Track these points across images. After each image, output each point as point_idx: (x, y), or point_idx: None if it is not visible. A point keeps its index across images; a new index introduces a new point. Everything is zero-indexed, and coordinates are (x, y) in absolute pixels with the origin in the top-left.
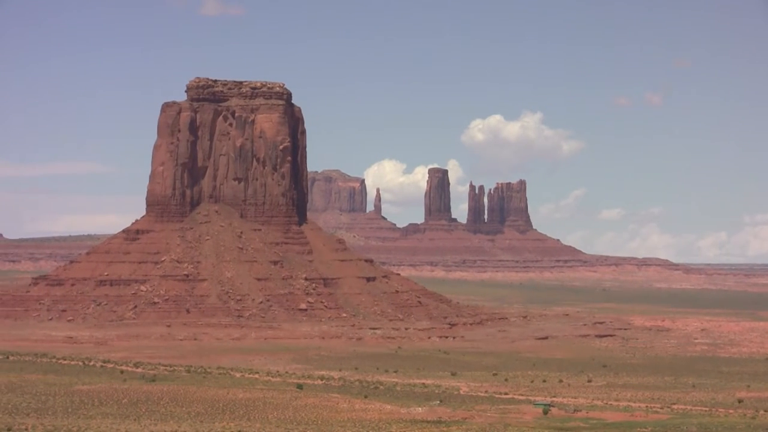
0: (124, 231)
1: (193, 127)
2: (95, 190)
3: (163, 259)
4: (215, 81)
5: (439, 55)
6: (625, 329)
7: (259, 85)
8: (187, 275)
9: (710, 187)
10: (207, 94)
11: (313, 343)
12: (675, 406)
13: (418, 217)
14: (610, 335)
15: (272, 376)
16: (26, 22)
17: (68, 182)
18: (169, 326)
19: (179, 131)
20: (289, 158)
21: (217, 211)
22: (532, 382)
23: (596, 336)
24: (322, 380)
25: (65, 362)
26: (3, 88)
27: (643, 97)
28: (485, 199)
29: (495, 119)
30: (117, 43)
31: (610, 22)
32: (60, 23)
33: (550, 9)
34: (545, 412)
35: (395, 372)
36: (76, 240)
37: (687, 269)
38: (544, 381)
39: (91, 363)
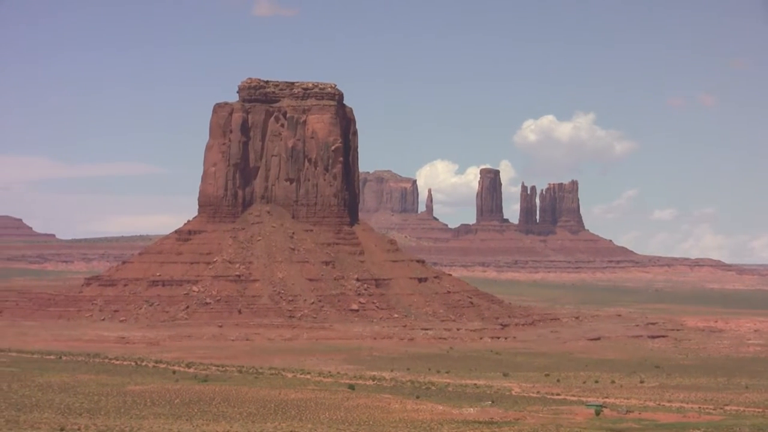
0: (176, 231)
1: (245, 128)
2: (148, 190)
3: (215, 259)
4: (267, 82)
5: (492, 55)
6: (678, 330)
7: (310, 85)
8: (239, 276)
9: (764, 187)
10: (259, 94)
11: (365, 344)
12: (728, 407)
13: (470, 217)
14: (663, 336)
15: (324, 377)
16: (82, 24)
17: (121, 183)
18: (220, 327)
19: (231, 132)
20: (340, 159)
21: (268, 212)
22: (584, 382)
23: (648, 337)
24: (373, 381)
25: (117, 362)
26: (56, 89)
27: (696, 98)
28: (537, 200)
29: (547, 120)
30: (170, 43)
31: (664, 23)
32: (114, 24)
33: (604, 9)
34: (597, 413)
35: (447, 372)
36: (129, 240)
37: (740, 270)
38: (597, 382)
39: (144, 363)
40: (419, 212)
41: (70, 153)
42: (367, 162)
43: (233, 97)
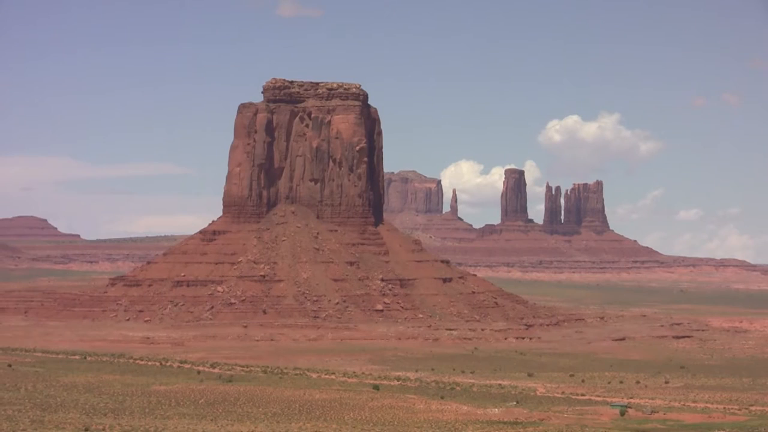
0: (200, 232)
1: (269, 128)
2: (173, 190)
3: (239, 260)
4: (291, 82)
5: (517, 56)
6: (703, 330)
7: (335, 86)
8: (264, 276)
9: None
10: (283, 95)
11: (390, 344)
12: (753, 408)
13: (495, 218)
14: (688, 336)
15: (348, 377)
16: (107, 24)
17: (145, 183)
18: (245, 327)
19: (256, 132)
20: (365, 159)
21: (293, 212)
22: (609, 383)
23: (673, 337)
24: (398, 381)
25: (142, 363)
26: (81, 89)
27: (721, 98)
28: (562, 200)
29: (572, 120)
30: (195, 43)
31: (688, 23)
32: (139, 24)
33: (628, 9)
34: (622, 414)
35: (472, 373)
36: (153, 241)
37: (765, 270)
38: (621, 382)
39: (168, 363)
40: (444, 212)
41: (94, 153)
42: (392, 162)
43: (258, 98)
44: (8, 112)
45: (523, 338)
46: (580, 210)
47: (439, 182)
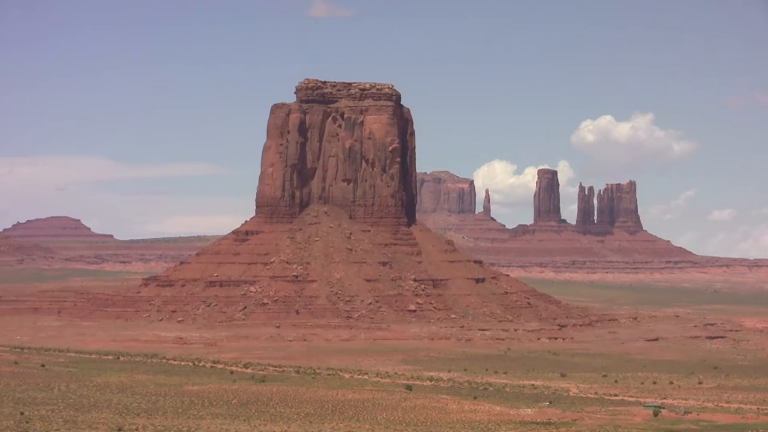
0: (233, 232)
1: (302, 129)
2: (205, 191)
3: (272, 260)
4: (324, 82)
5: (550, 56)
6: (736, 331)
7: (368, 86)
8: (297, 276)
9: None
10: (316, 95)
11: (422, 344)
12: None
13: (527, 218)
14: (721, 337)
15: (381, 377)
16: (140, 26)
17: (178, 183)
18: (278, 327)
19: (288, 132)
20: (398, 159)
21: (326, 213)
22: (642, 383)
23: (707, 337)
24: (431, 381)
25: (175, 363)
26: (114, 90)
27: (754, 97)
28: (595, 200)
29: (605, 120)
30: (228, 44)
31: (720, 23)
32: (172, 26)
33: (660, 9)
34: (655, 414)
35: (504, 373)
36: (186, 241)
37: None
38: (655, 383)
39: (201, 364)
40: (477, 213)
41: (128, 153)
42: (425, 162)
43: (291, 98)
44: (42, 113)
45: (556, 338)
46: (613, 210)
47: (472, 182)
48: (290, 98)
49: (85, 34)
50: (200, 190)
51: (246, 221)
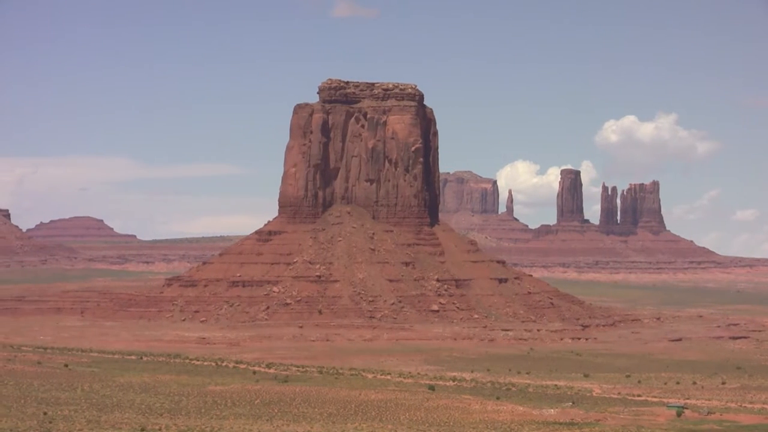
0: (256, 232)
1: (325, 129)
2: (228, 191)
3: (295, 260)
4: (347, 82)
5: (572, 56)
6: (760, 331)
7: (391, 86)
8: (320, 276)
9: None
10: (339, 95)
11: (445, 345)
12: None
13: (550, 218)
14: (744, 337)
15: (404, 377)
16: (162, 27)
17: (201, 184)
18: (301, 327)
19: (311, 133)
20: (421, 159)
21: (349, 213)
22: (665, 384)
23: (730, 338)
24: (453, 381)
25: (198, 363)
26: (134, 90)
27: None
28: (618, 200)
29: (629, 120)
30: (251, 44)
31: (745, 23)
32: (194, 26)
33: (684, 9)
34: (679, 415)
35: (527, 373)
36: (209, 241)
37: None
38: (678, 383)
39: (224, 364)
40: (499, 213)
41: (150, 154)
42: (448, 163)
43: (313, 98)
44: (64, 113)
45: (579, 339)
46: (636, 210)
47: (494, 182)
48: (313, 98)
49: (110, 34)
50: (223, 190)
51: (269, 221)
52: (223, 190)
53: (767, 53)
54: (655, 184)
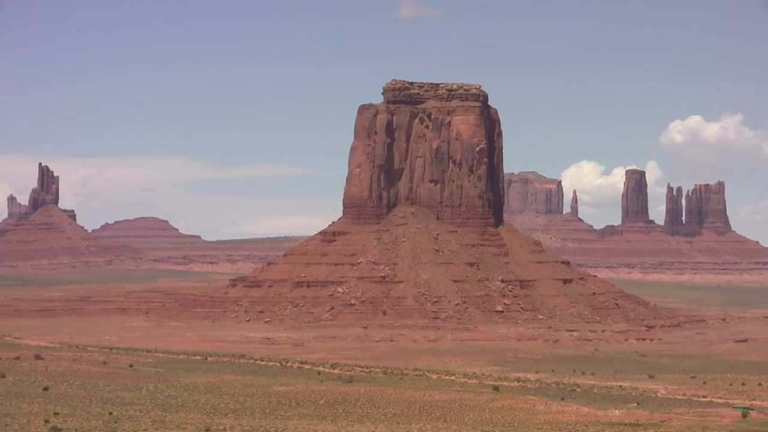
0: (321, 233)
1: (389, 129)
2: (293, 192)
3: (359, 260)
4: (411, 83)
5: (638, 56)
6: None
7: (455, 87)
8: (384, 277)
9: None
10: (403, 96)
11: (509, 345)
12: None
13: (615, 218)
14: None
15: (468, 378)
16: (231, 29)
17: (266, 184)
18: (365, 328)
19: (376, 133)
20: (485, 160)
21: (413, 213)
22: (730, 385)
23: None
24: (518, 382)
25: (263, 363)
26: (199, 92)
27: None
28: (683, 201)
29: (694, 120)
30: (315, 46)
31: None
32: (260, 29)
33: (748, 9)
34: (744, 416)
35: (592, 374)
36: (274, 242)
37: None
38: (743, 384)
39: (288, 364)
40: (564, 213)
41: (215, 154)
42: (512, 163)
43: (378, 99)
44: (130, 114)
45: (644, 339)
46: (701, 211)
47: (559, 183)
48: (377, 99)
49: (180, 33)
50: (288, 190)
51: (333, 222)
52: (288, 191)
53: None
54: (721, 185)
